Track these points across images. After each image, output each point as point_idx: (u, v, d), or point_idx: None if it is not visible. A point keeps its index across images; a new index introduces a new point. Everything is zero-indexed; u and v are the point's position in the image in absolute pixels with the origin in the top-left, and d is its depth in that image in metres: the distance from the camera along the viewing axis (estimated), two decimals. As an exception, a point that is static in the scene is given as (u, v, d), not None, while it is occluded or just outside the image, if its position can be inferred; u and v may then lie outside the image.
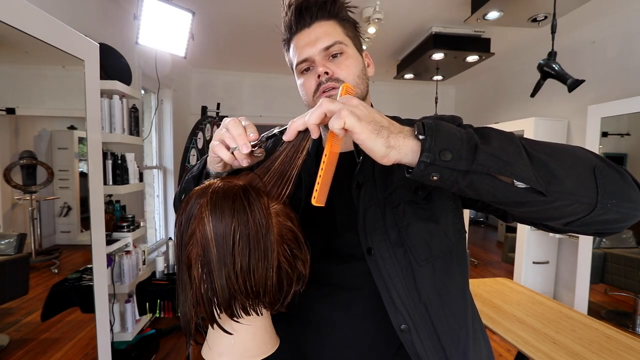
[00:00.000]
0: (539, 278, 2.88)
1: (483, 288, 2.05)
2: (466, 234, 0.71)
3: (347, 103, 0.44)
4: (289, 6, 0.65)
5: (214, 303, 0.46)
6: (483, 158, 0.42)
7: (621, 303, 2.46)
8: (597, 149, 2.34)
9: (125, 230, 2.01)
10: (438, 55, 2.83)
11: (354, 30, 0.68)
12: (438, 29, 2.70)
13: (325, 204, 0.48)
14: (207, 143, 3.07)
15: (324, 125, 0.46)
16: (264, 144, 0.53)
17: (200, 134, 3.03)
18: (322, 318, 0.64)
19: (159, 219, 3.37)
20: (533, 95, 1.96)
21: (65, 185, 1.56)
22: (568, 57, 2.60)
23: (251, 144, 0.51)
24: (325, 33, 0.63)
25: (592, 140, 2.37)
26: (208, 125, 3.18)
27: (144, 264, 2.15)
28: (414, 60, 3.07)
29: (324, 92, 0.63)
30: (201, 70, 4.00)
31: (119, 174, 1.88)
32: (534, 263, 2.86)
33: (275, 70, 3.98)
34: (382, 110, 0.48)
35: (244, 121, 0.53)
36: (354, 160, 0.66)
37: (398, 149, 0.43)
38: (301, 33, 0.65)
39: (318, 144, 0.72)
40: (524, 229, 2.86)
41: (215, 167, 0.57)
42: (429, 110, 3.75)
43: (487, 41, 2.81)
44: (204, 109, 3.30)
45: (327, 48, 0.63)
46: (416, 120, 0.48)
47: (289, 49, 0.68)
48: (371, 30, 2.45)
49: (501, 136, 0.46)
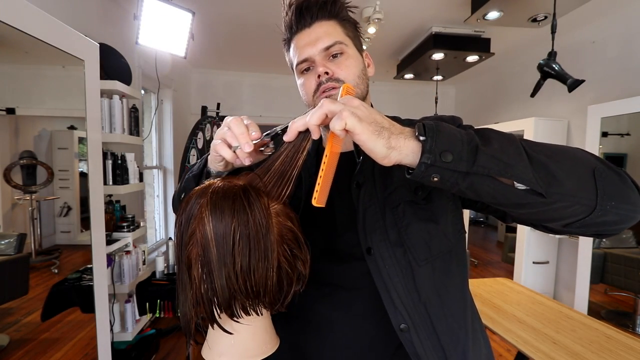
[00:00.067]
0: (539, 278, 2.88)
1: (483, 288, 2.05)
2: (466, 234, 0.71)
3: (348, 104, 0.44)
4: (290, 6, 0.65)
5: (214, 303, 0.46)
6: (484, 160, 0.42)
7: (621, 303, 2.46)
8: (597, 149, 2.34)
9: (125, 230, 2.01)
10: (438, 55, 2.83)
11: (355, 30, 0.68)
12: (438, 29, 2.70)
13: (325, 204, 0.48)
14: (207, 143, 3.07)
15: (325, 126, 0.46)
16: (270, 141, 0.52)
17: (200, 134, 3.03)
18: (322, 318, 0.64)
19: (159, 219, 3.37)
20: (533, 95, 1.96)
21: (65, 185, 1.56)
22: (568, 57, 2.60)
23: (254, 142, 0.51)
24: (325, 33, 0.63)
25: (592, 140, 2.37)
26: (208, 125, 3.18)
27: (144, 264, 2.16)
28: (414, 60, 3.07)
29: (324, 92, 0.63)
30: (201, 70, 4.00)
31: (119, 174, 1.88)
32: (534, 263, 2.85)
33: (275, 70, 3.98)
34: (382, 111, 0.48)
35: (246, 120, 0.52)
36: (354, 160, 0.66)
37: (399, 150, 0.43)
38: (301, 33, 0.65)
39: (318, 144, 0.71)
40: (524, 229, 2.86)
41: (216, 166, 0.57)
42: (429, 110, 3.75)
43: (487, 41, 2.81)
44: (204, 109, 3.30)
45: (328, 48, 0.63)
46: (416, 121, 0.48)
47: (289, 48, 0.68)
48: (371, 30, 2.45)
49: (502, 138, 0.46)
